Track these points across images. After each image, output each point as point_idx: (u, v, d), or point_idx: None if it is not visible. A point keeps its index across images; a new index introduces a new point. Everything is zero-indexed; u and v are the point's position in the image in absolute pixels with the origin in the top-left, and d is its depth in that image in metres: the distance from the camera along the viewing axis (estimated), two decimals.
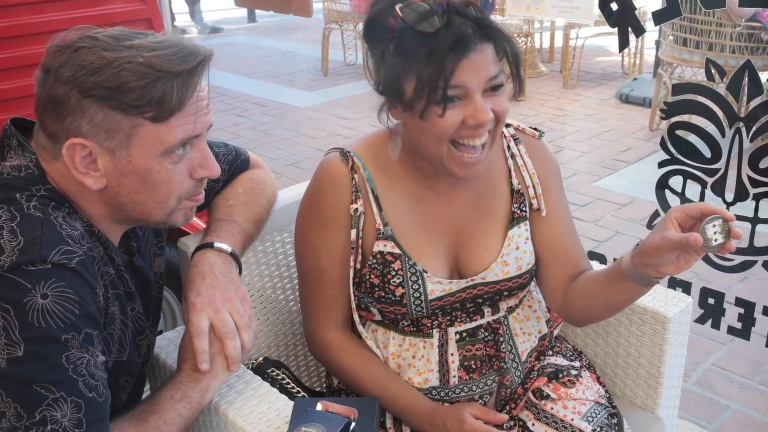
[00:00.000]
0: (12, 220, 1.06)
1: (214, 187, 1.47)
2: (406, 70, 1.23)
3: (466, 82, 1.22)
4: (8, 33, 2.15)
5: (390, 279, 1.37)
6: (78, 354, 1.04)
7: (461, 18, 1.22)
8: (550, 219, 1.46)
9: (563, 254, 1.46)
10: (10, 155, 1.15)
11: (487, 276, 1.41)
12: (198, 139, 1.17)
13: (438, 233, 1.41)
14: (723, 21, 4.32)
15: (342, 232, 1.39)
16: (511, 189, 1.45)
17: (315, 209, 1.40)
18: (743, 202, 2.04)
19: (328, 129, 5.53)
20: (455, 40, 1.20)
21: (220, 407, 1.28)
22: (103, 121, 1.07)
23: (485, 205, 1.44)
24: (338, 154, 1.40)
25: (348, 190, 1.37)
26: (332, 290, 1.42)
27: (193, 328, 1.24)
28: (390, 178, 1.40)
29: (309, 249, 1.42)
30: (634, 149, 4.92)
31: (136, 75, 1.06)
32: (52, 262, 1.04)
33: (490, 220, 1.43)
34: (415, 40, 1.21)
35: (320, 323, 1.45)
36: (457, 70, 1.20)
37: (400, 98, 1.26)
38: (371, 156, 1.40)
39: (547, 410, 1.44)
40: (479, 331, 1.44)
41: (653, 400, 1.64)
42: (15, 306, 1.01)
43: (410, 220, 1.40)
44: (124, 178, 1.13)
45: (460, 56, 1.20)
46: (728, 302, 2.14)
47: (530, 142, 1.48)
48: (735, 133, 2.02)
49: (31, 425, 1.00)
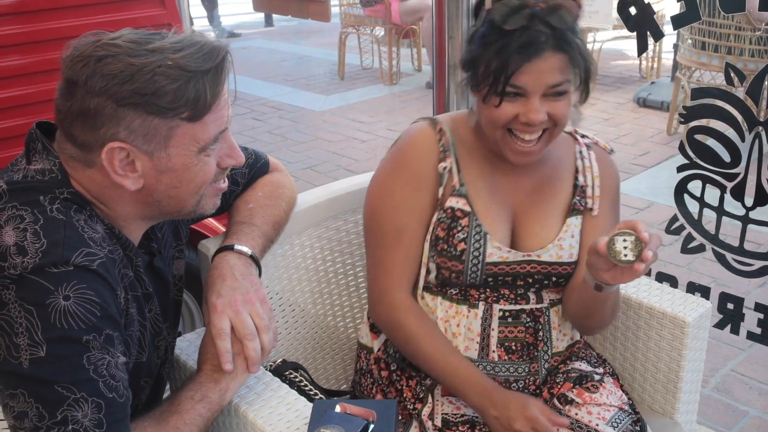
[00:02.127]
0: (35, 222, 1.08)
1: (234, 190, 1.48)
2: (481, 56, 1.36)
3: (526, 84, 1.33)
4: (30, 38, 2.17)
5: (455, 233, 1.44)
6: (99, 355, 1.05)
7: (542, 24, 1.31)
8: (597, 221, 1.53)
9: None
10: (35, 159, 1.16)
11: (543, 255, 1.48)
12: (225, 131, 1.19)
13: (504, 204, 1.49)
14: (742, 25, 4.29)
15: (428, 191, 1.47)
16: (575, 184, 1.54)
17: (404, 168, 1.48)
18: (763, 207, 2.02)
19: (345, 133, 5.54)
20: (526, 44, 1.30)
21: (240, 408, 1.29)
22: (140, 127, 1.09)
23: (549, 190, 1.52)
24: (427, 122, 1.52)
25: (436, 150, 1.48)
26: (410, 248, 1.48)
27: (214, 330, 1.25)
28: (469, 150, 1.50)
29: (393, 207, 1.48)
30: (652, 153, 4.90)
31: (169, 78, 1.07)
32: (74, 264, 1.05)
33: (551, 205, 1.52)
34: (494, 33, 1.33)
35: (392, 284, 1.48)
36: (519, 71, 1.31)
37: (474, 77, 1.39)
38: (453, 127, 1.51)
39: (572, 416, 1.44)
40: (522, 315, 1.49)
41: (672, 405, 1.64)
42: (38, 307, 1.02)
43: (483, 187, 1.48)
44: (163, 176, 1.15)
45: (525, 60, 1.30)
46: (747, 307, 2.13)
47: (601, 153, 1.59)
48: (755, 137, 2.00)
49: (52, 425, 1.02)
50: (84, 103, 1.07)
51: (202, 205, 1.24)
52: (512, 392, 1.43)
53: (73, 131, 1.11)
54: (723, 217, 2.13)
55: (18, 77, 2.16)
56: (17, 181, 1.13)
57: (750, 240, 2.10)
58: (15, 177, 1.14)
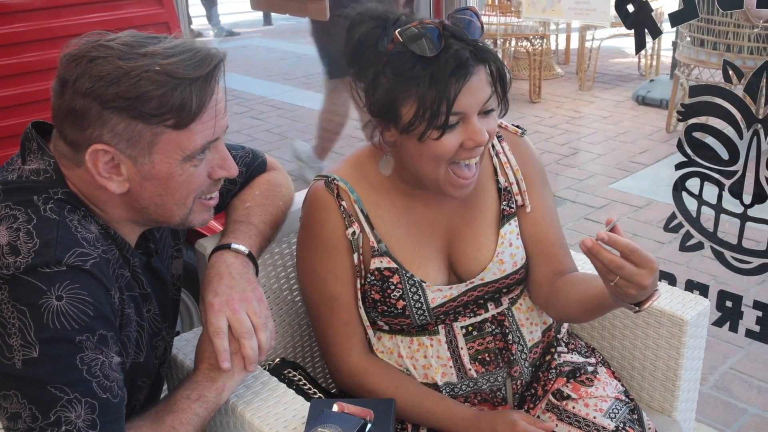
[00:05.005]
0: (29, 222, 1.07)
1: (231, 189, 1.48)
2: (405, 93, 1.24)
3: (467, 107, 1.25)
4: (27, 37, 2.17)
5: (390, 293, 1.39)
6: (92, 355, 1.05)
7: (458, 41, 1.23)
8: (534, 214, 1.48)
9: (548, 250, 1.48)
10: (30, 158, 1.16)
11: (486, 277, 1.43)
12: (217, 141, 1.17)
13: (430, 239, 1.43)
14: (741, 22, 4.28)
15: (344, 256, 1.40)
16: (498, 187, 1.47)
17: (313, 238, 1.41)
18: (761, 205, 2.02)
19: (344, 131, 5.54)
20: (456, 65, 1.22)
21: (237, 408, 1.29)
22: (124, 131, 1.08)
23: (474, 205, 1.45)
24: (322, 183, 1.41)
25: (339, 217, 1.39)
26: (346, 314, 1.42)
27: (212, 328, 1.25)
28: (378, 194, 1.42)
29: (316, 278, 1.42)
30: (651, 151, 4.89)
31: (155, 84, 1.06)
32: (67, 264, 1.05)
33: (480, 220, 1.46)
34: (415, 65, 1.23)
35: (342, 351, 1.44)
36: (460, 95, 1.22)
37: (396, 121, 1.27)
38: (356, 175, 1.42)
39: (569, 410, 1.44)
40: (485, 325, 1.46)
41: (670, 403, 1.64)
42: (30, 308, 1.02)
43: (402, 232, 1.41)
44: (147, 183, 1.14)
45: (461, 81, 1.22)
46: (746, 305, 2.13)
47: (513, 140, 1.51)
48: (753, 134, 2.00)
49: (45, 426, 1.01)
50: (72, 103, 1.07)
51: (191, 219, 1.22)
52: (496, 413, 1.40)
53: (64, 129, 1.11)
54: (721, 214, 2.13)
55: (14, 76, 2.16)
56: (11, 180, 1.13)
57: (748, 237, 2.10)
58: (9, 177, 1.14)
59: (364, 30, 1.29)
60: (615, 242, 1.10)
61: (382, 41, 1.27)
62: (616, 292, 1.16)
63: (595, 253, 1.11)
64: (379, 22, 1.28)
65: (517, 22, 6.08)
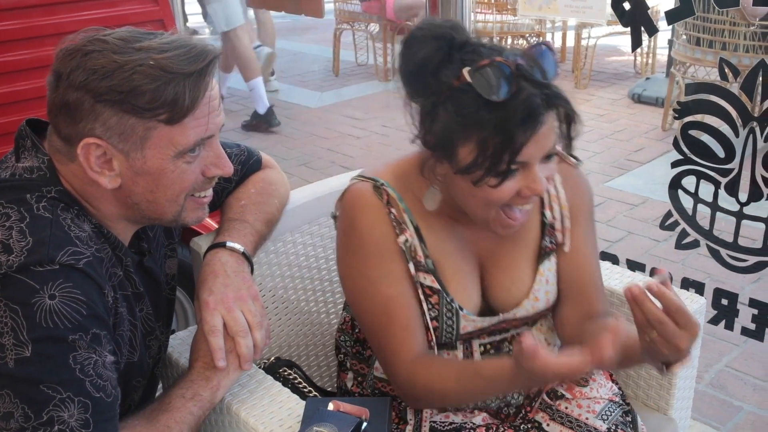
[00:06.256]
0: (21, 220, 1.07)
1: (226, 187, 1.47)
2: (466, 134, 1.15)
3: (530, 157, 1.16)
4: (22, 35, 2.17)
5: (426, 311, 1.32)
6: (85, 354, 1.05)
7: (529, 85, 1.13)
8: (573, 254, 1.41)
9: (581, 291, 1.41)
10: (24, 156, 1.15)
11: (518, 313, 1.38)
12: (211, 139, 1.17)
13: (469, 262, 1.37)
14: (737, 20, 4.29)
15: (399, 261, 1.30)
16: (543, 221, 1.40)
17: (361, 242, 1.30)
18: (757, 203, 2.02)
19: (340, 129, 5.54)
20: (526, 113, 1.12)
21: (232, 406, 1.29)
22: (117, 125, 1.08)
23: (515, 236, 1.36)
24: (369, 186, 1.31)
25: (389, 223, 1.30)
26: (405, 316, 1.31)
27: (207, 327, 1.24)
28: (423, 210, 1.33)
29: (369, 283, 1.31)
30: (647, 149, 4.90)
31: (148, 78, 1.06)
32: (60, 262, 1.05)
33: (519, 252, 1.39)
34: (481, 107, 1.12)
35: (403, 361, 1.30)
36: (526, 145, 1.13)
37: (452, 159, 1.18)
38: (403, 186, 1.33)
39: (562, 410, 1.44)
40: (504, 345, 1.42)
41: (666, 401, 1.64)
42: (23, 306, 1.01)
43: (446, 251, 1.34)
44: (139, 178, 1.13)
45: (530, 131, 1.12)
46: (742, 303, 2.13)
47: (566, 171, 1.41)
48: (749, 132, 2.00)
49: (38, 425, 1.01)
50: (65, 96, 1.07)
51: (184, 217, 1.22)
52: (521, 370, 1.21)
53: (59, 123, 1.11)
54: (717, 212, 2.13)
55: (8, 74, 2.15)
56: (5, 178, 1.13)
57: (744, 235, 2.10)
58: (3, 175, 1.14)
59: (426, 52, 1.17)
60: (663, 295, 1.05)
61: (445, 69, 1.16)
62: (649, 349, 1.10)
63: (640, 302, 1.06)
64: (443, 44, 1.17)
65: (513, 20, 6.07)
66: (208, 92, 1.12)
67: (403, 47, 1.21)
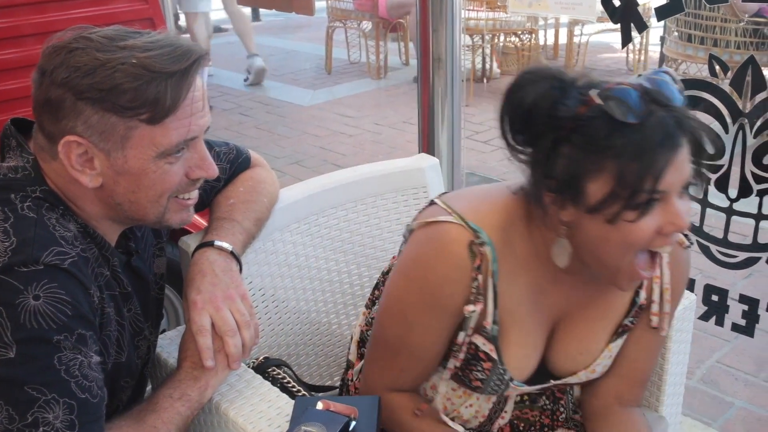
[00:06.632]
0: (5, 220, 1.06)
1: (215, 186, 1.47)
2: (597, 166, 1.05)
3: (670, 186, 1.05)
4: (9, 33, 2.15)
5: (473, 370, 1.26)
6: (71, 355, 1.04)
7: (660, 108, 1.05)
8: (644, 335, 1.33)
9: (629, 374, 1.35)
10: (9, 156, 1.15)
11: (571, 380, 1.33)
12: (195, 140, 1.16)
13: (541, 327, 1.28)
14: (727, 16, 4.30)
15: (448, 321, 1.22)
16: (634, 300, 1.30)
17: (424, 286, 1.21)
18: (747, 199, 2.03)
19: (332, 127, 5.53)
20: (664, 135, 1.03)
21: (220, 406, 1.28)
22: (98, 123, 1.07)
23: (602, 305, 1.29)
24: (466, 242, 1.17)
25: (467, 289, 1.19)
26: (407, 365, 1.29)
27: (195, 326, 1.24)
28: (519, 267, 1.22)
29: (403, 320, 1.25)
30: None
31: (129, 76, 1.05)
32: (45, 263, 1.04)
33: (598, 324, 1.30)
34: (613, 132, 1.04)
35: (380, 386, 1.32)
36: (667, 169, 1.04)
37: (580, 198, 1.08)
38: (504, 238, 1.20)
39: None
40: (541, 398, 1.39)
41: (656, 398, 1.64)
42: (7, 307, 1.00)
43: (519, 315, 1.24)
44: (120, 178, 1.12)
45: (670, 154, 1.04)
46: (732, 299, 2.13)
47: (676, 252, 1.28)
48: (738, 129, 2.01)
49: (23, 427, 1.00)
50: (48, 93, 1.07)
51: (167, 218, 1.20)
52: None
53: (42, 120, 1.11)
54: (707, 208, 2.13)
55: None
56: None
57: (734, 231, 2.11)
58: None
59: (539, 92, 1.09)
60: None
61: (562, 104, 1.07)
62: None
63: None
64: (555, 83, 1.09)
65: (505, 17, 6.07)
66: (191, 93, 1.11)
67: (509, 93, 1.13)
